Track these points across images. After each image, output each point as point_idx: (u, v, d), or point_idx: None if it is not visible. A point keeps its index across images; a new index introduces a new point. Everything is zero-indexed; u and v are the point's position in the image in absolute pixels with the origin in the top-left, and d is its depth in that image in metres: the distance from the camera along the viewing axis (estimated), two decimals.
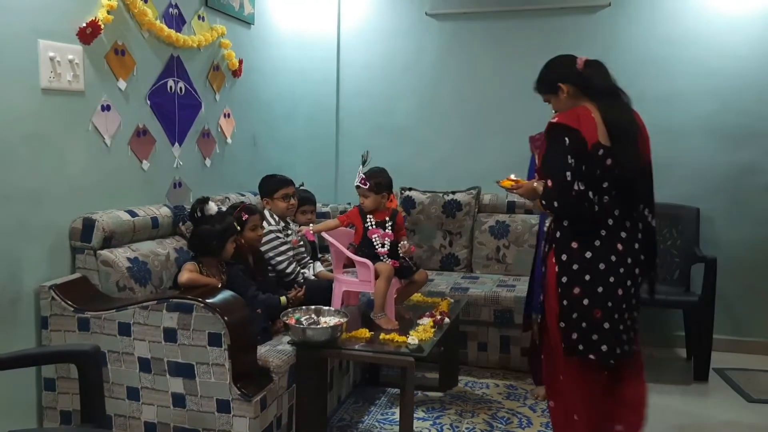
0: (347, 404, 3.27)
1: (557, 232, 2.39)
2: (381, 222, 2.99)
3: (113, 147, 2.81)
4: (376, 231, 2.96)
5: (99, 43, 2.67)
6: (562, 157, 2.31)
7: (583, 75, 2.49)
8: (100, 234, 2.56)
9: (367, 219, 2.99)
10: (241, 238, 2.93)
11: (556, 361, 2.42)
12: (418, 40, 4.55)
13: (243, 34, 3.78)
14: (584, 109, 2.38)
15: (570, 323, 2.33)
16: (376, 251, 2.94)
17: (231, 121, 3.70)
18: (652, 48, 4.14)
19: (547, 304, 2.42)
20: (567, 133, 2.33)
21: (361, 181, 2.95)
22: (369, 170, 3.02)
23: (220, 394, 2.34)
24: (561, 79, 2.50)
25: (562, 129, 2.34)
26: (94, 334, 2.44)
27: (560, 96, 2.50)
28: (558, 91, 2.50)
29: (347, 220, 3.02)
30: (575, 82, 2.47)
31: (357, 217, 3.01)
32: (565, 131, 2.33)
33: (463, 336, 3.72)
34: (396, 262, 2.94)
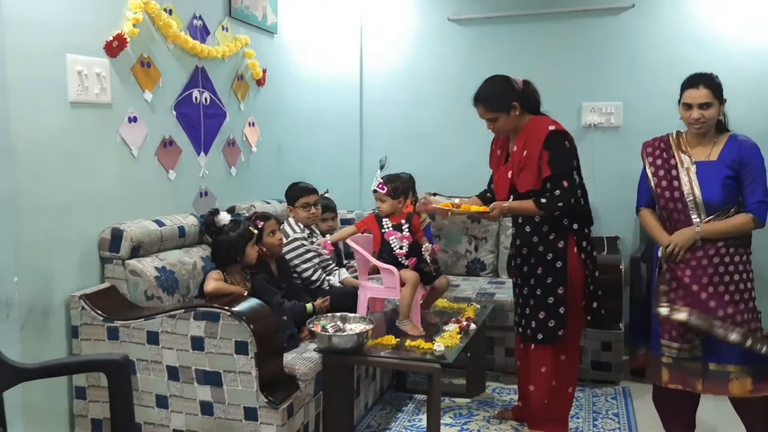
0: (374, 411, 3.26)
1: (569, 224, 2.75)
2: (397, 225, 2.97)
3: (140, 158, 2.85)
4: (393, 233, 2.95)
5: (125, 55, 2.72)
6: (569, 160, 2.71)
7: (525, 93, 2.78)
8: (128, 244, 2.60)
9: (383, 223, 2.98)
10: (262, 246, 2.94)
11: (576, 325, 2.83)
12: (441, 45, 4.54)
13: (266, 44, 3.81)
14: (545, 117, 2.77)
15: (596, 298, 2.85)
16: (394, 254, 2.92)
17: (255, 130, 3.74)
18: (677, 49, 4.07)
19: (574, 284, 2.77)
20: (566, 136, 2.72)
21: (379, 186, 2.95)
22: (386, 175, 3.02)
23: (248, 402, 2.35)
24: (512, 98, 2.74)
25: (562, 134, 2.71)
26: (123, 343, 2.47)
27: (511, 114, 2.75)
28: (510, 110, 2.73)
29: (364, 226, 3.01)
30: (520, 100, 2.75)
31: (373, 223, 3.00)
32: (564, 136, 2.72)
33: (490, 341, 3.69)
34: (414, 260, 2.92)
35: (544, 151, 2.65)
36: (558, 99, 4.20)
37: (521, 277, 2.86)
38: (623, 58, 4.20)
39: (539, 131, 2.70)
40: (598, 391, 3.52)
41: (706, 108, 2.52)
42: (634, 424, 3.12)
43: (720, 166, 2.53)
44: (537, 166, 2.67)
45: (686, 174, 2.56)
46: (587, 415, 3.22)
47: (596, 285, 2.87)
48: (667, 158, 2.63)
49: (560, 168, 2.65)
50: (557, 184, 2.65)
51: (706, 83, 2.52)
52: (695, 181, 2.54)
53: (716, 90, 2.53)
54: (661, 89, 4.12)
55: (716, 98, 2.53)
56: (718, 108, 2.54)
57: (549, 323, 2.75)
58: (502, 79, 2.80)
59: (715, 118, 2.55)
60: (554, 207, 2.66)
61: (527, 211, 2.74)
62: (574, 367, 2.92)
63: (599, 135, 4.25)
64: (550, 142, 2.66)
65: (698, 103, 2.52)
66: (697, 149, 2.59)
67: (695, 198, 2.53)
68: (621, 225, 4.20)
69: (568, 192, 2.66)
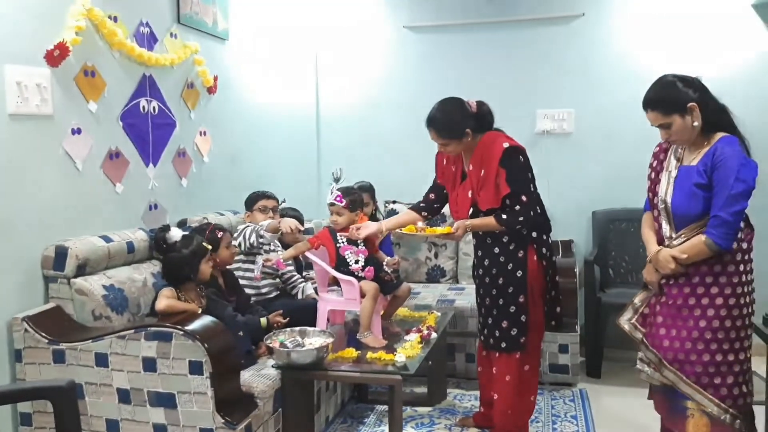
0: (335, 424, 3.21)
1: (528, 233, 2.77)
2: (352, 239, 2.93)
3: (85, 171, 2.73)
4: (348, 248, 2.91)
5: (67, 65, 2.60)
6: (525, 174, 2.75)
7: (479, 115, 2.80)
8: (74, 262, 2.48)
9: (338, 238, 2.93)
10: (216, 257, 2.86)
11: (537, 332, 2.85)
12: (397, 53, 4.54)
13: (217, 50, 3.72)
14: (497, 134, 2.78)
15: (558, 303, 2.89)
16: (351, 269, 2.88)
17: (207, 139, 3.64)
18: (626, 56, 4.17)
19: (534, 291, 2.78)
20: (520, 152, 2.75)
21: (337, 198, 2.90)
22: (343, 188, 2.98)
23: (204, 423, 2.27)
24: (466, 125, 2.76)
25: (516, 150, 2.73)
26: (70, 366, 2.36)
27: (464, 140, 2.77)
28: (463, 136, 2.74)
29: (317, 241, 2.94)
30: (474, 124, 2.77)
31: (328, 238, 2.94)
32: (518, 151, 2.74)
33: (451, 348, 3.68)
34: (372, 269, 2.88)
35: (501, 169, 2.69)
36: (513, 106, 4.26)
37: (483, 287, 2.87)
38: (575, 66, 4.27)
39: (494, 150, 2.72)
40: (556, 394, 3.55)
41: (665, 128, 2.27)
42: (592, 426, 3.15)
43: (693, 172, 2.25)
44: (494, 184, 2.71)
45: (666, 177, 2.34)
46: (546, 419, 3.24)
47: (557, 290, 2.90)
48: (662, 160, 2.41)
49: (518, 184, 2.70)
50: (516, 200, 2.70)
51: (652, 106, 2.28)
52: (671, 186, 2.30)
53: (665, 108, 2.24)
54: (610, 96, 4.22)
55: (671, 114, 2.23)
56: (681, 121, 2.22)
57: (511, 331, 2.76)
58: (455, 103, 2.79)
59: (685, 131, 2.24)
60: (515, 222, 2.71)
61: (489, 228, 2.78)
62: (535, 375, 2.94)
63: (552, 141, 4.30)
64: (506, 161, 2.69)
65: (655, 126, 2.31)
66: (690, 152, 2.32)
67: (666, 205, 2.31)
68: (575, 229, 4.27)
69: (528, 206, 2.71)
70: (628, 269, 4.09)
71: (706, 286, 2.23)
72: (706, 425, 2.23)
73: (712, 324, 2.21)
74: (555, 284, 2.90)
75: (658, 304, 2.35)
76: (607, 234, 4.14)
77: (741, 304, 2.22)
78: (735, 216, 2.15)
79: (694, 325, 2.23)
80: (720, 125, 2.25)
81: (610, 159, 4.22)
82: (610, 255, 4.12)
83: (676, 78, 2.27)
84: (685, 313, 2.25)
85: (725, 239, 2.15)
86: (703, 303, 2.23)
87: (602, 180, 4.24)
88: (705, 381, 2.22)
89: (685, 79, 2.27)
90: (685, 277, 2.25)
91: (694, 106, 2.21)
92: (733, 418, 2.20)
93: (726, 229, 2.15)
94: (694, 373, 2.23)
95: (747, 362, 2.25)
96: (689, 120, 2.22)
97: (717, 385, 2.21)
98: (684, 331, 2.25)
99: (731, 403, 2.21)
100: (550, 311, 2.89)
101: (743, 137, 2.26)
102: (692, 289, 2.24)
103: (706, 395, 2.21)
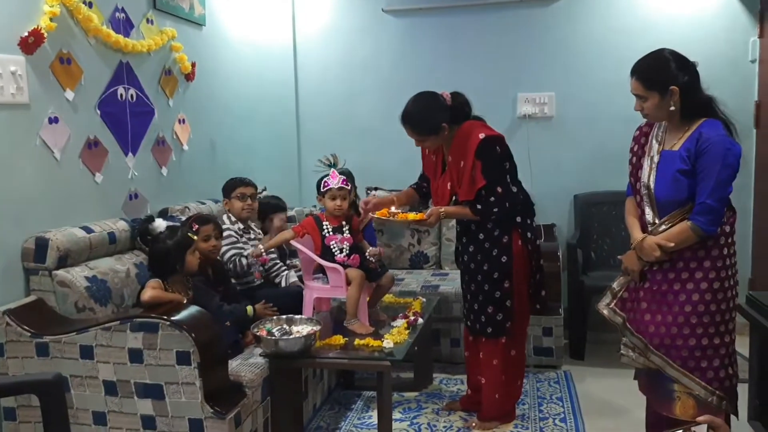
0: (323, 411, 3.21)
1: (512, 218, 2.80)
2: (338, 227, 2.90)
3: (63, 161, 2.67)
4: (333, 237, 2.88)
5: (43, 52, 2.54)
6: (501, 165, 2.75)
7: (455, 107, 2.78)
8: (55, 253, 2.43)
9: (324, 226, 2.90)
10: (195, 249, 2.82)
11: (523, 316, 2.91)
12: (376, 37, 4.50)
13: (194, 37, 3.66)
14: (474, 123, 2.77)
15: (543, 286, 2.94)
16: (336, 259, 2.85)
17: (186, 127, 3.58)
18: (607, 39, 4.18)
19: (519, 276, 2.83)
20: (497, 141, 2.74)
21: (344, 182, 2.86)
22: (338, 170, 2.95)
23: (192, 414, 2.25)
24: (441, 120, 2.74)
25: (492, 140, 2.72)
26: (54, 359, 2.32)
27: (441, 134, 2.75)
28: (439, 131, 2.73)
29: (302, 230, 2.90)
30: (450, 117, 2.75)
31: (313, 227, 2.90)
32: (494, 141, 2.73)
33: (436, 333, 3.70)
34: (357, 257, 2.87)
35: (477, 161, 2.70)
36: (494, 90, 4.26)
37: (468, 273, 2.88)
38: (556, 49, 4.27)
39: (471, 141, 2.72)
40: (541, 376, 3.58)
41: (641, 100, 2.24)
42: (577, 408, 3.19)
43: (675, 157, 2.20)
44: (470, 176, 2.72)
45: (649, 162, 2.29)
46: (533, 401, 3.27)
47: (542, 273, 2.93)
48: (644, 144, 2.36)
49: (493, 176, 2.71)
50: (492, 191, 2.72)
51: (637, 74, 2.23)
52: (653, 171, 2.26)
53: (648, 81, 2.20)
54: (591, 79, 4.23)
55: (652, 90, 2.19)
56: (659, 99, 2.19)
57: (497, 317, 2.78)
58: (429, 98, 2.77)
59: (659, 111, 2.22)
60: (490, 213, 2.74)
61: (464, 217, 2.80)
62: (522, 359, 2.97)
63: (534, 125, 4.31)
64: (482, 152, 2.70)
65: (633, 94, 2.27)
66: (671, 136, 2.27)
67: (649, 190, 2.27)
68: (557, 213, 4.30)
69: (503, 198, 2.74)
70: (611, 252, 4.13)
71: (690, 270, 2.21)
72: (693, 407, 2.23)
73: (697, 308, 2.20)
74: (539, 268, 2.92)
75: (641, 290, 2.33)
76: (589, 218, 4.17)
77: (725, 287, 2.22)
78: (721, 202, 2.14)
79: (680, 309, 2.22)
80: (704, 114, 2.22)
81: (592, 142, 4.24)
82: (593, 238, 4.16)
83: (672, 56, 2.22)
84: (670, 298, 2.24)
85: (712, 225, 2.14)
86: (688, 287, 2.21)
87: (584, 164, 4.26)
88: (692, 365, 2.22)
89: (682, 60, 2.22)
90: (669, 262, 2.24)
91: (675, 90, 2.18)
92: (720, 400, 2.23)
93: (713, 216, 2.14)
94: (681, 357, 2.23)
95: (732, 344, 2.27)
96: (667, 101, 2.19)
97: (704, 369, 2.22)
98: (669, 316, 2.24)
99: (718, 385, 2.22)
100: (534, 295, 2.92)
101: (730, 122, 2.22)
102: (676, 274, 2.23)
103: (693, 378, 2.23)
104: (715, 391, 2.22)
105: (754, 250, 4.04)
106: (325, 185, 2.89)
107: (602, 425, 3.01)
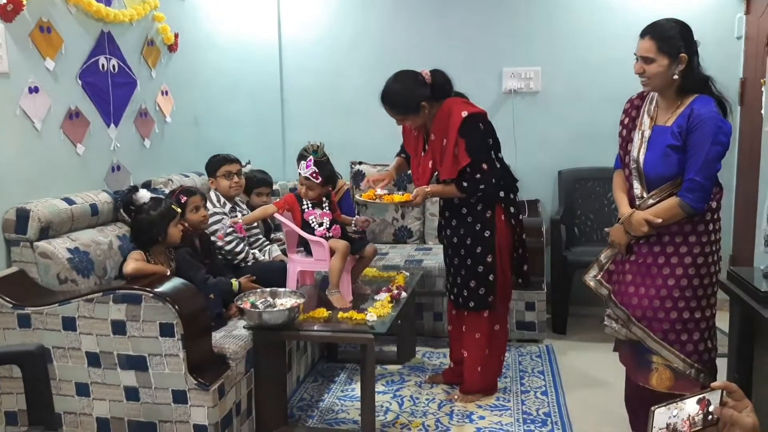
0: (306, 384, 3.24)
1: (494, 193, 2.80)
2: (318, 203, 2.89)
3: (44, 131, 2.64)
4: (312, 212, 2.86)
5: (22, 20, 2.48)
6: (485, 143, 2.74)
7: (435, 85, 2.74)
8: (36, 224, 2.41)
9: (303, 201, 2.88)
10: (184, 221, 2.81)
11: (506, 291, 2.95)
12: (363, 13, 4.45)
13: (177, 7, 3.59)
14: (456, 100, 2.75)
15: (525, 261, 2.97)
16: (315, 233, 2.84)
17: (169, 99, 3.54)
18: (593, 14, 4.17)
19: (503, 251, 2.85)
20: (480, 118, 2.73)
21: (313, 175, 2.80)
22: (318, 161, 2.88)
23: (176, 385, 2.26)
24: (421, 98, 2.72)
25: (475, 118, 2.71)
26: (36, 330, 2.31)
27: (422, 113, 2.74)
28: (419, 110, 2.72)
29: (285, 205, 2.88)
30: (430, 95, 2.72)
31: (294, 202, 2.89)
32: (477, 118, 2.72)
33: (419, 307, 3.73)
34: (338, 228, 2.87)
35: (460, 139, 2.69)
36: (479, 65, 4.24)
37: (451, 248, 2.90)
38: (541, 23, 4.25)
39: (453, 118, 2.71)
40: (523, 350, 3.63)
41: (647, 62, 2.19)
42: (558, 381, 3.24)
43: (667, 133, 2.20)
44: (453, 154, 2.71)
45: (639, 136, 2.28)
46: (514, 375, 3.32)
47: (524, 248, 2.95)
48: (634, 117, 2.35)
49: (478, 153, 2.72)
50: (477, 168, 2.73)
51: (652, 34, 2.19)
52: (644, 146, 2.25)
53: (663, 43, 2.16)
54: (577, 54, 4.22)
55: (662, 53, 2.16)
56: (665, 65, 2.16)
57: (480, 291, 2.81)
58: (407, 77, 2.76)
59: (659, 77, 2.19)
60: (476, 190, 2.75)
61: (450, 195, 2.81)
62: (505, 334, 3.00)
63: (519, 100, 4.30)
64: (465, 130, 2.69)
65: (640, 56, 2.21)
66: (663, 111, 2.26)
67: (639, 165, 2.26)
68: (541, 188, 4.31)
69: (489, 174, 2.74)
70: (593, 228, 4.17)
71: (676, 245, 2.24)
72: (670, 378, 2.27)
73: (680, 282, 2.23)
74: (522, 243, 2.94)
75: (627, 263, 2.35)
76: (573, 193, 4.20)
77: (709, 263, 2.25)
78: (709, 179, 2.16)
79: (663, 283, 2.25)
80: (699, 91, 2.21)
81: (577, 118, 4.25)
82: (576, 214, 4.19)
83: (686, 26, 2.22)
84: (654, 272, 2.27)
85: (700, 202, 2.16)
86: (672, 261, 2.24)
87: (568, 139, 4.27)
88: (672, 338, 2.26)
89: (692, 33, 2.23)
90: (656, 236, 2.26)
91: (684, 58, 2.17)
92: (698, 372, 2.27)
93: (702, 193, 2.14)
94: (662, 330, 2.26)
95: (712, 318, 2.31)
96: (673, 68, 2.17)
97: (683, 342, 2.25)
98: (653, 289, 2.26)
99: (696, 358, 2.27)
100: (517, 269, 2.94)
101: (725, 100, 2.23)
102: (662, 248, 2.25)
103: (672, 351, 2.26)
104: (694, 363, 2.27)
105: (736, 227, 4.10)
106: (299, 169, 2.87)
107: (583, 397, 3.07)
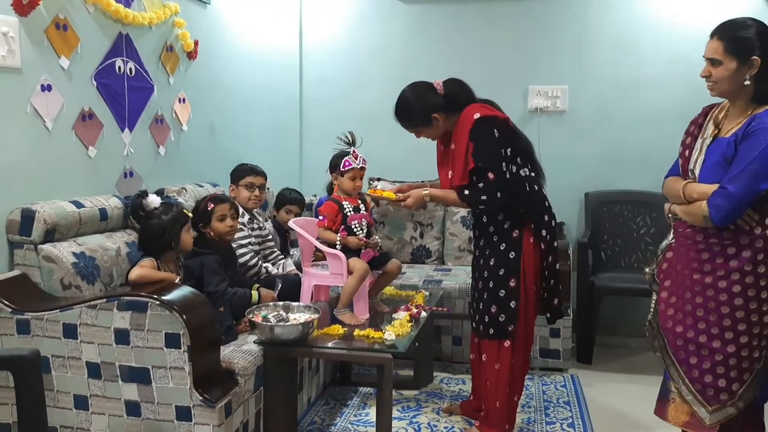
0: (317, 406, 3.07)
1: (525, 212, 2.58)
2: (356, 206, 2.80)
3: (55, 131, 2.54)
4: (354, 217, 2.76)
5: (38, 15, 2.41)
6: (496, 150, 2.50)
7: (448, 96, 2.59)
8: (42, 226, 2.30)
9: (344, 207, 2.77)
10: (210, 230, 2.71)
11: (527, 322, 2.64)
12: (385, 24, 4.38)
13: (198, 14, 3.53)
14: (474, 106, 2.55)
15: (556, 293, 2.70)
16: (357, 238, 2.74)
17: (186, 107, 3.45)
18: (622, 32, 4.06)
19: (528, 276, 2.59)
20: (493, 123, 2.51)
21: (364, 162, 2.76)
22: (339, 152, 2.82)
23: (180, 401, 2.11)
24: (433, 110, 2.58)
25: (488, 121, 2.50)
26: (35, 337, 2.18)
27: (435, 125, 2.60)
28: (432, 122, 2.58)
29: (333, 217, 2.74)
30: (444, 107, 2.58)
31: (336, 210, 2.76)
32: (491, 123, 2.51)
33: (438, 330, 3.56)
34: (369, 253, 2.75)
35: (470, 142, 2.49)
36: (505, 82, 4.14)
37: (477, 269, 2.70)
38: (570, 41, 4.15)
39: (466, 122, 2.54)
40: (547, 379, 3.44)
41: (714, 65, 1.99)
42: (586, 412, 3.05)
43: (723, 143, 2.00)
44: (464, 159, 2.52)
45: (700, 144, 2.08)
46: (539, 404, 3.13)
47: (557, 279, 2.69)
48: (699, 125, 2.14)
49: (484, 159, 2.47)
50: (482, 176, 2.49)
51: (720, 33, 1.98)
52: (702, 154, 2.05)
53: (732, 44, 1.95)
54: (606, 73, 4.11)
55: (731, 55, 1.95)
56: (733, 68, 1.95)
57: (500, 318, 2.58)
58: (417, 90, 2.63)
59: (726, 81, 1.98)
60: (477, 200, 2.51)
61: (449, 202, 2.64)
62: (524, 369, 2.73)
63: (545, 119, 4.18)
64: (475, 133, 2.49)
65: (706, 57, 2.01)
66: (729, 121, 2.05)
67: (695, 177, 2.07)
68: (567, 210, 4.16)
69: (494, 185, 2.47)
70: (621, 253, 4.00)
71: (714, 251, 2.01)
72: (686, 413, 2.07)
73: (723, 322, 2.02)
74: (553, 272, 2.67)
75: (674, 295, 2.14)
76: (600, 217, 4.04)
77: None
78: (743, 192, 1.88)
79: (704, 315, 2.04)
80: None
81: (605, 139, 4.11)
82: (603, 238, 4.02)
83: (761, 26, 1.98)
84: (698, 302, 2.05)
85: (722, 213, 1.92)
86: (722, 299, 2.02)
87: (596, 161, 4.13)
88: (681, 356, 2.08)
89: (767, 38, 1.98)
90: (710, 272, 2.02)
91: (757, 61, 1.93)
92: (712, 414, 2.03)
93: (727, 203, 1.90)
94: (675, 345, 2.10)
95: (757, 362, 2.02)
96: (743, 72, 1.95)
97: (692, 365, 2.05)
98: (689, 305, 2.07)
99: (711, 395, 2.02)
100: (547, 301, 2.71)
101: None
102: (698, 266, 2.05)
103: (678, 370, 2.08)
104: (698, 395, 2.05)
105: None
106: (346, 164, 2.76)
107: None
